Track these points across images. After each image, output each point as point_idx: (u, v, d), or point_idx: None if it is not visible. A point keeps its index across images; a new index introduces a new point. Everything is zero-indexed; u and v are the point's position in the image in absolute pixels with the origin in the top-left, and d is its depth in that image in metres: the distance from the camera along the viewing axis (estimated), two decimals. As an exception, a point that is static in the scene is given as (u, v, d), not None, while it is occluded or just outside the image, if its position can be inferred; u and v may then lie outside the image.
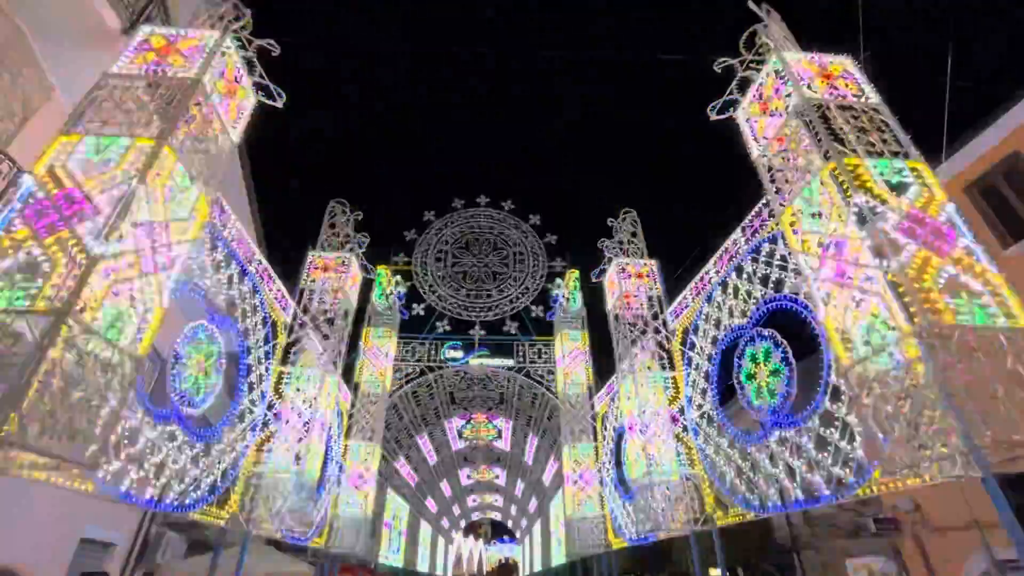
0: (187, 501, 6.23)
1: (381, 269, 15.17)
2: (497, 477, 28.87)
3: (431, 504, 29.68)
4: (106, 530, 9.31)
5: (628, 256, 11.41)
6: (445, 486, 28.96)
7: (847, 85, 5.62)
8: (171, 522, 11.61)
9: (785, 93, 5.78)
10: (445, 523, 36.87)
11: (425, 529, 29.83)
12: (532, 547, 32.94)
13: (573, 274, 15.99)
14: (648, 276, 11.02)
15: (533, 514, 30.24)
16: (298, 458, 8.20)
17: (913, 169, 4.88)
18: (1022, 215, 8.83)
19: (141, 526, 10.44)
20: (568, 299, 15.53)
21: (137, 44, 5.55)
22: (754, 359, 6.92)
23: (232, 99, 6.02)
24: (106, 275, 4.03)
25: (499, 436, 21.89)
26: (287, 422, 8.45)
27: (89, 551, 8.89)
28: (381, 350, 13.91)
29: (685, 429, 9.06)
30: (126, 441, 5.04)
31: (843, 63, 5.87)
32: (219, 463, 6.94)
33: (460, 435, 21.71)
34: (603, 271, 11.82)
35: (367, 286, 13.64)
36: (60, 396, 3.56)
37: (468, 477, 28.96)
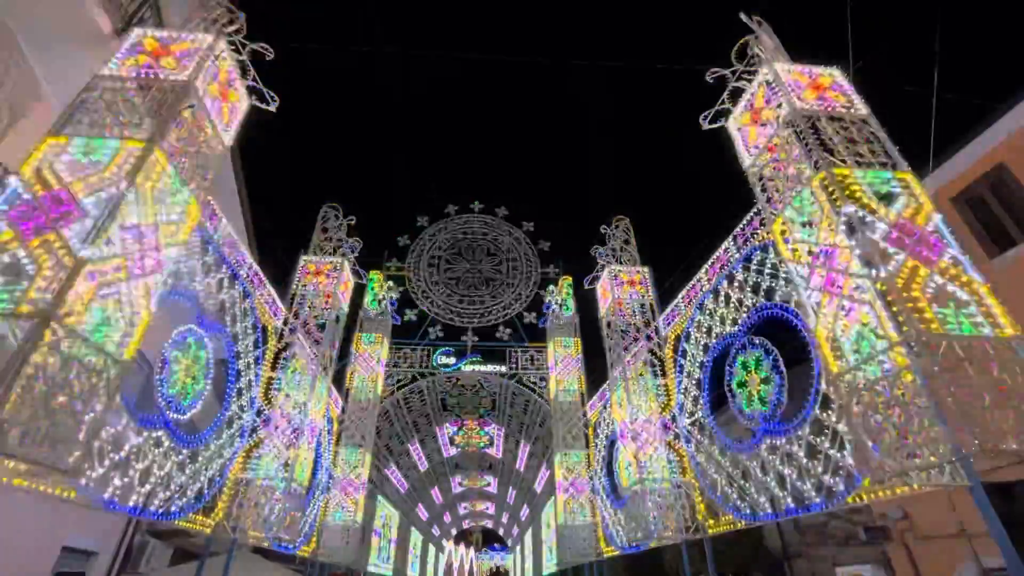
0: (172, 509, 6.13)
1: (374, 275, 15.20)
2: (488, 484, 28.67)
3: (422, 511, 29.44)
4: (89, 538, 9.14)
5: (621, 263, 11.44)
6: (436, 493, 28.73)
7: (837, 96, 5.69)
8: (155, 530, 11.43)
9: (776, 104, 5.85)
10: (436, 531, 36.61)
11: (416, 537, 29.58)
12: (523, 555, 32.74)
13: (566, 281, 16.00)
14: (640, 283, 11.05)
15: (525, 522, 30.00)
16: (287, 465, 8.11)
17: (901, 180, 4.93)
18: (1007, 226, 8.97)
19: (125, 534, 10.25)
20: (561, 306, 15.52)
21: (129, 46, 5.50)
22: (745, 367, 6.95)
23: (224, 102, 5.99)
24: (92, 278, 3.97)
25: (491, 444, 21.78)
26: (276, 428, 8.35)
27: (71, 560, 8.71)
28: (372, 356, 13.84)
29: (677, 437, 9.06)
30: (110, 447, 4.95)
31: (833, 74, 5.94)
32: (206, 470, 6.84)
33: (452, 442, 21.56)
34: (596, 278, 11.84)
35: (359, 291, 13.60)
36: (43, 401, 3.48)
37: (459, 484, 28.70)
